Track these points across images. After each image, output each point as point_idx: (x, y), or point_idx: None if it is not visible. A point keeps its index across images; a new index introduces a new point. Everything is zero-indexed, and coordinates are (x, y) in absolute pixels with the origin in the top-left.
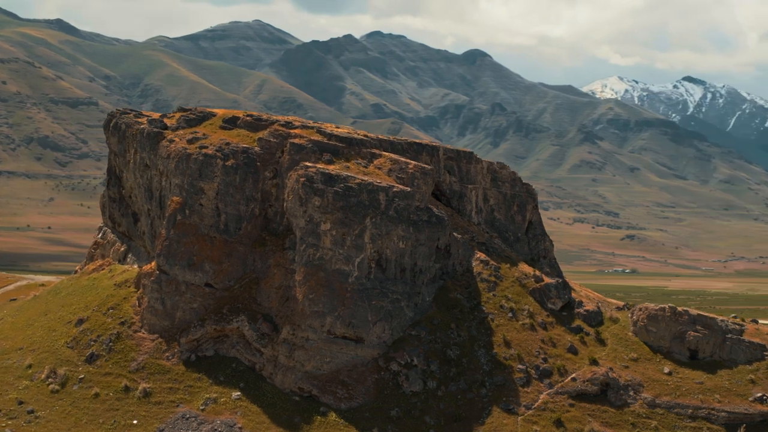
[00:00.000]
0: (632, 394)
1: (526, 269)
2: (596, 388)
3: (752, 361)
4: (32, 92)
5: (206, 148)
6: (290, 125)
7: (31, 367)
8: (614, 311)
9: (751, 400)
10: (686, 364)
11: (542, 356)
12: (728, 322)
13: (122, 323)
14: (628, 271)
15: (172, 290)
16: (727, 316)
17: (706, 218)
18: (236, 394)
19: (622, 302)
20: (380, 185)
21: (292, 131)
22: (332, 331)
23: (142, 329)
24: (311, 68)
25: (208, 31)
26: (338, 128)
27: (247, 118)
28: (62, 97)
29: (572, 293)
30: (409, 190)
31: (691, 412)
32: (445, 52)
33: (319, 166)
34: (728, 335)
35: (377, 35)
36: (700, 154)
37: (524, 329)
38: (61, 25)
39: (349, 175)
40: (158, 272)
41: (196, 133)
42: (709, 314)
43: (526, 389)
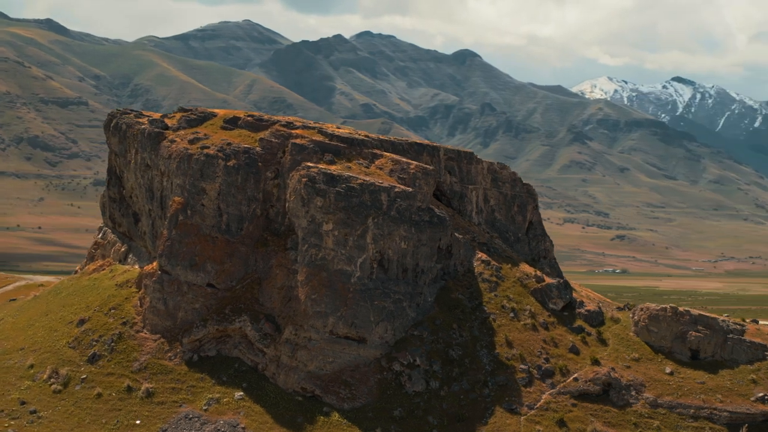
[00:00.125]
0: (634, 394)
1: (527, 269)
2: (598, 388)
3: (753, 361)
4: (22, 92)
5: (208, 148)
6: (291, 125)
7: (32, 367)
8: (615, 311)
9: (752, 400)
10: (688, 364)
11: (544, 356)
12: (729, 322)
13: (124, 323)
14: (618, 271)
15: (174, 290)
16: (719, 315)
17: (695, 218)
18: (239, 394)
19: (621, 303)
20: (382, 185)
21: (293, 131)
22: (335, 331)
23: (144, 329)
24: (301, 68)
25: (197, 30)
26: (339, 128)
27: (248, 118)
28: (52, 96)
29: (573, 293)
30: (410, 190)
31: (693, 412)
32: (434, 52)
33: (320, 166)
34: (729, 335)
35: (367, 35)
36: (689, 154)
37: (526, 329)
38: (51, 24)
39: (351, 175)
40: (160, 272)
41: (197, 133)
42: (710, 314)
43: (528, 389)
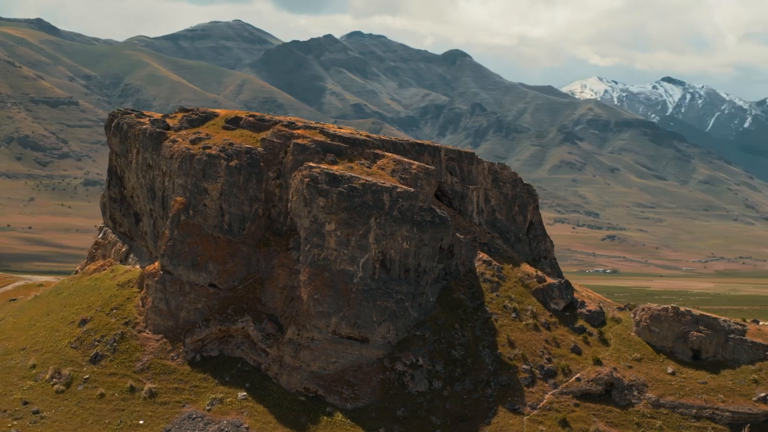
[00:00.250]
0: (636, 394)
1: (528, 269)
2: (600, 388)
3: (755, 361)
4: (12, 92)
5: (210, 148)
6: (293, 125)
7: (34, 367)
8: (616, 311)
9: (754, 399)
10: (689, 364)
11: (546, 356)
12: (730, 322)
13: (126, 323)
14: (609, 271)
15: (176, 290)
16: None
17: (685, 219)
18: (242, 394)
19: (620, 303)
20: (384, 186)
21: (295, 131)
22: (337, 331)
23: (146, 329)
24: (291, 68)
25: (188, 30)
26: (340, 129)
27: (249, 118)
28: (43, 96)
29: (574, 293)
30: (412, 190)
31: (695, 411)
32: (425, 52)
33: (323, 166)
34: (731, 335)
35: (357, 35)
36: (679, 154)
37: (528, 329)
38: (41, 24)
39: (353, 175)
40: (162, 272)
41: (198, 133)
42: (711, 314)
43: (531, 389)
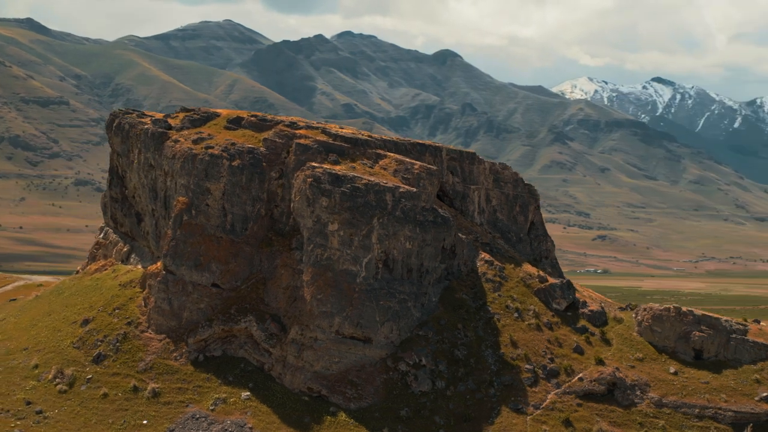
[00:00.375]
0: (639, 393)
1: (530, 269)
2: (603, 387)
3: (756, 360)
4: (3, 91)
5: (212, 148)
6: (295, 125)
7: (37, 367)
8: (618, 311)
9: (757, 399)
10: (691, 364)
11: (549, 356)
12: (732, 322)
13: (129, 323)
14: (600, 271)
15: (179, 290)
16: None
17: (676, 219)
18: (245, 394)
19: (622, 303)
20: (387, 186)
21: (297, 131)
22: (340, 331)
23: (149, 329)
24: (282, 68)
25: (178, 30)
26: (342, 128)
27: (251, 118)
28: (33, 96)
29: (575, 293)
30: (415, 190)
31: (698, 411)
32: (415, 52)
33: (325, 166)
34: (732, 335)
35: (348, 35)
36: (669, 154)
37: (530, 329)
38: (31, 24)
39: (355, 175)
40: (165, 272)
41: (201, 133)
42: (713, 314)
43: (534, 389)
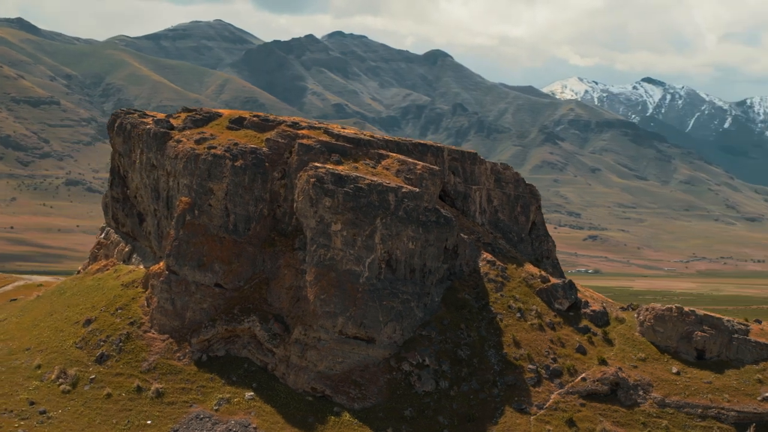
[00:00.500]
0: (642, 393)
1: (532, 270)
2: (606, 387)
3: (759, 360)
4: None
5: (215, 148)
6: (297, 126)
7: (40, 367)
8: (619, 311)
9: (759, 399)
10: (694, 363)
11: (552, 356)
12: (734, 322)
13: (131, 323)
14: (591, 271)
15: (181, 290)
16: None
17: (666, 219)
18: (249, 394)
19: (623, 303)
20: (390, 186)
21: (299, 132)
22: (344, 331)
23: (152, 329)
24: (273, 68)
25: (168, 30)
26: (344, 129)
27: (253, 118)
28: (24, 96)
29: (577, 293)
30: (417, 190)
31: (700, 411)
32: (406, 52)
33: (328, 166)
34: (734, 335)
35: (338, 35)
36: (660, 155)
37: (533, 329)
38: (21, 24)
39: (358, 175)
40: (168, 272)
41: (203, 133)
42: (714, 314)
43: (537, 389)
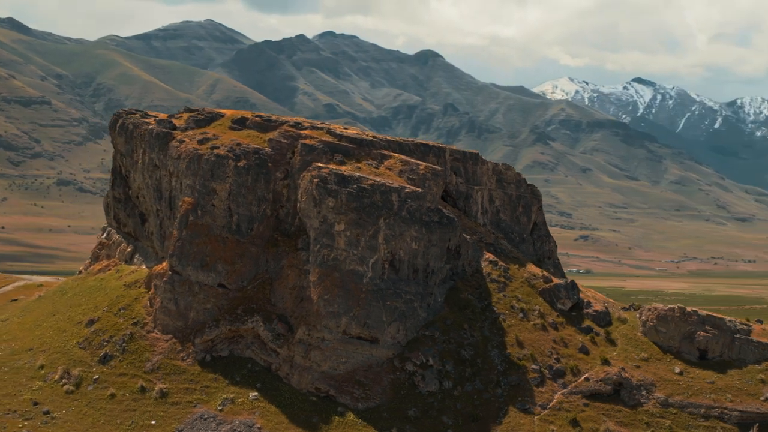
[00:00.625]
0: (645, 393)
1: (534, 270)
2: (609, 387)
3: (761, 360)
4: None
5: (218, 148)
6: (300, 126)
7: (43, 367)
8: (621, 312)
9: (762, 399)
10: (696, 363)
11: (555, 356)
12: (736, 322)
13: (135, 324)
14: (582, 271)
15: (185, 291)
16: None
17: (657, 219)
18: (253, 394)
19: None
20: (393, 186)
21: (302, 132)
22: (347, 331)
23: (155, 330)
24: (263, 68)
25: (159, 30)
26: (346, 129)
27: (256, 119)
28: (15, 96)
29: (579, 294)
30: (420, 191)
31: (704, 411)
32: (397, 52)
33: (331, 166)
34: (737, 335)
35: (329, 35)
36: (651, 155)
37: (536, 329)
38: (12, 23)
39: (361, 176)
40: (171, 273)
41: (206, 133)
42: (717, 314)
43: (540, 389)
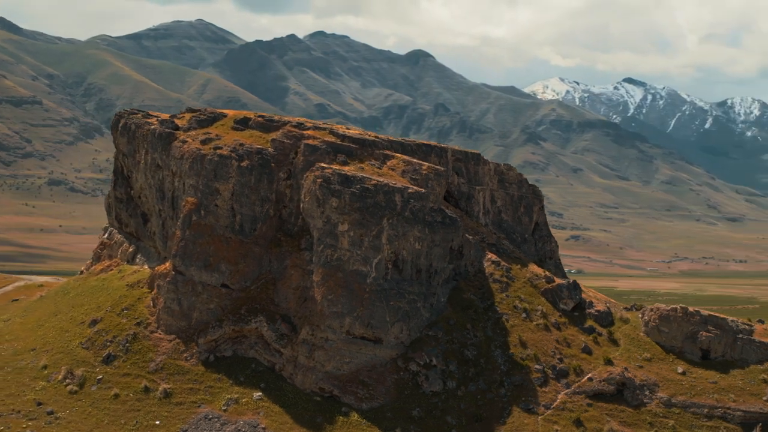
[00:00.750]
0: (648, 393)
1: (536, 270)
2: (612, 387)
3: (763, 360)
4: None
5: (221, 149)
6: (302, 126)
7: (46, 368)
8: (623, 312)
9: (765, 399)
10: (699, 363)
11: (558, 356)
12: (738, 322)
13: (138, 324)
14: (574, 271)
15: (188, 291)
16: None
17: (648, 219)
18: (257, 394)
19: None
20: (396, 186)
21: (304, 132)
22: (351, 331)
23: (158, 330)
24: (255, 68)
25: (150, 30)
26: (349, 129)
27: (258, 119)
28: (6, 96)
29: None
30: (423, 191)
31: (707, 411)
32: (388, 52)
33: (335, 167)
34: (739, 335)
35: (320, 35)
36: (641, 155)
37: (539, 329)
38: (3, 23)
39: (364, 176)
40: (174, 273)
41: (208, 133)
42: (719, 314)
43: (544, 389)
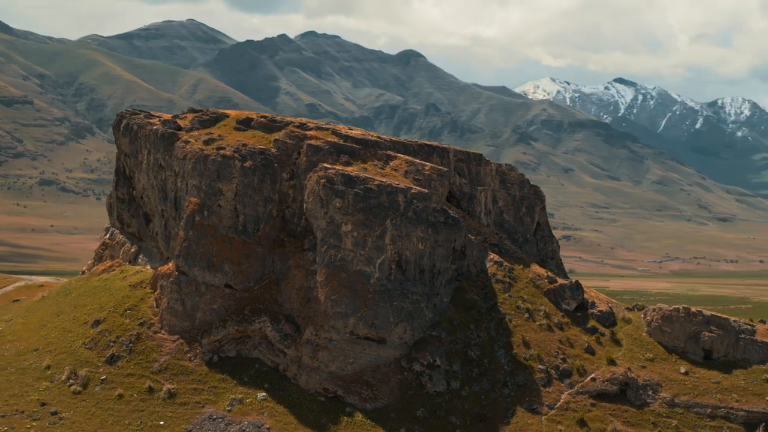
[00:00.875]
0: (651, 393)
1: (539, 270)
2: (616, 387)
3: (765, 360)
4: None
5: (224, 149)
6: (305, 126)
7: (49, 368)
8: (625, 312)
9: None
10: (701, 363)
11: (561, 356)
12: (740, 322)
13: (141, 324)
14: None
15: (191, 291)
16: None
17: (639, 219)
18: (261, 394)
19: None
20: (399, 187)
21: (307, 132)
22: (355, 331)
23: (162, 330)
24: (246, 68)
25: (141, 30)
26: (351, 130)
27: (261, 119)
28: None
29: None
30: (426, 191)
31: (710, 411)
32: (379, 52)
33: (338, 167)
34: (741, 335)
35: (311, 35)
36: (632, 155)
37: (542, 330)
38: None
39: (368, 176)
40: (177, 273)
41: (211, 134)
42: (721, 315)
43: (547, 389)
